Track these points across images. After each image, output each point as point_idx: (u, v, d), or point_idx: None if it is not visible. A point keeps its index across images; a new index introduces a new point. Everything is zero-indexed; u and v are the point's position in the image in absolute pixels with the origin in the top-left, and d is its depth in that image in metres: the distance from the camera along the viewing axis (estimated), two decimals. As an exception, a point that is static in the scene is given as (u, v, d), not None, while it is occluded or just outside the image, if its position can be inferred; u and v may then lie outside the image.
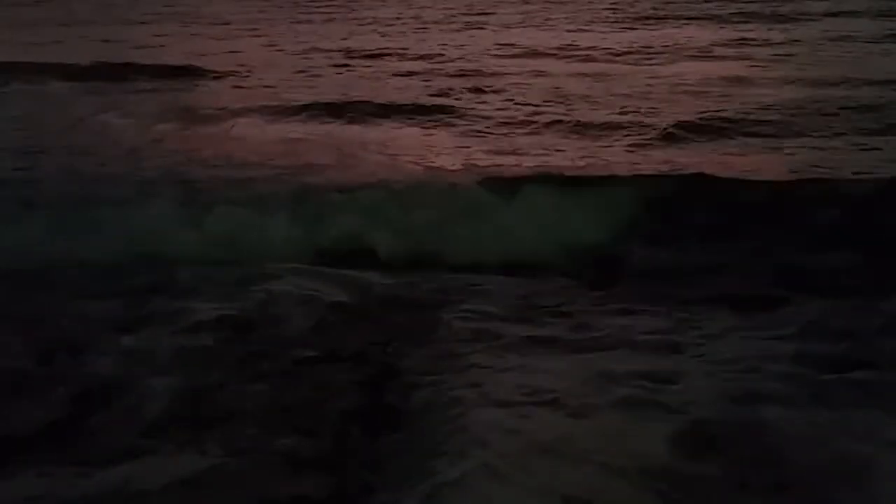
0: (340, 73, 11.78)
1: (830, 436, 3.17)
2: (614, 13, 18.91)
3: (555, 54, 13.16)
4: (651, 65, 11.96)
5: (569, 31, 16.12)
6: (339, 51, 13.72)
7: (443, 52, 13.38)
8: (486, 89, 10.35)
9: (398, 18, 18.71)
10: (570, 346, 4.03)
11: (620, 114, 8.74)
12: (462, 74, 11.39)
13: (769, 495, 2.91)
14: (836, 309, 4.34)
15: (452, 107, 9.24)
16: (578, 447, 3.17)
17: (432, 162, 7.00)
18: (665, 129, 7.94)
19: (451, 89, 10.35)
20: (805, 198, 5.55)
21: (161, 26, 17.39)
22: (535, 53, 13.25)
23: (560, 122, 8.46)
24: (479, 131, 8.27)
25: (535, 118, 8.65)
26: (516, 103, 9.48)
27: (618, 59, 12.55)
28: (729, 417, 3.33)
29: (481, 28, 16.97)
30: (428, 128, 8.47)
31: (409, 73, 11.60)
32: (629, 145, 7.54)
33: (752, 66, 11.53)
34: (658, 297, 4.58)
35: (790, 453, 3.08)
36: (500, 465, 3.05)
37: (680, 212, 5.50)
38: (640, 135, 7.88)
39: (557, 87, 10.26)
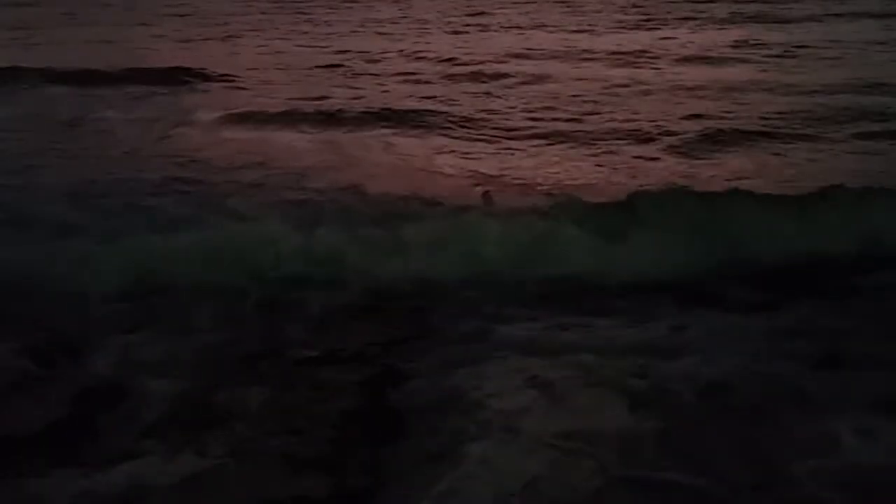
0: (341, 77, 11.78)
1: (813, 433, 3.28)
2: (615, 13, 18.93)
3: (559, 56, 13.17)
4: (655, 69, 11.97)
5: (573, 32, 16.14)
6: (340, 52, 13.73)
7: (446, 54, 13.37)
8: (490, 93, 10.36)
9: (399, 20, 18.71)
10: (570, 346, 4.03)
11: (627, 121, 8.74)
12: (466, 77, 11.39)
13: (756, 492, 2.98)
14: (825, 309, 4.43)
15: (457, 112, 9.22)
16: (578, 446, 3.18)
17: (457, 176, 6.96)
18: (675, 137, 7.97)
19: (454, 92, 10.35)
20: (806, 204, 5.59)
21: (161, 27, 17.39)
22: (539, 56, 13.25)
23: (566, 128, 8.46)
24: (485, 137, 8.26)
25: (540, 125, 8.64)
26: (520, 108, 9.48)
27: (621, 62, 12.55)
28: (720, 414, 3.44)
29: (484, 29, 16.99)
30: (434, 134, 8.44)
31: (410, 76, 11.60)
32: (636, 155, 7.55)
33: (758, 69, 11.56)
34: (659, 299, 4.59)
35: (777, 456, 3.16)
36: (501, 464, 3.07)
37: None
38: (646, 143, 7.90)
39: (562, 92, 10.27)
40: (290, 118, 9.04)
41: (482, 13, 19.72)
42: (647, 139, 8.01)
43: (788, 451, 3.17)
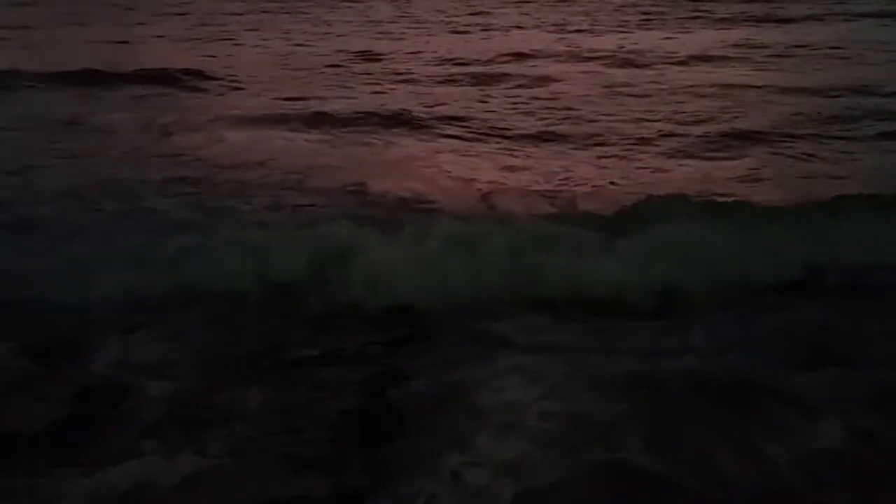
0: (341, 77, 11.77)
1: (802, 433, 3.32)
2: (615, 13, 18.92)
3: (559, 56, 13.17)
4: (656, 69, 11.96)
5: (573, 31, 16.14)
6: (339, 52, 13.73)
7: (446, 54, 13.37)
8: (490, 94, 10.35)
9: (399, 20, 18.72)
10: (570, 346, 4.04)
11: (628, 121, 8.73)
12: (466, 77, 11.39)
13: (741, 484, 3.02)
14: (826, 309, 4.46)
15: (457, 112, 9.21)
16: (574, 447, 3.20)
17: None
18: (676, 138, 7.96)
19: (454, 93, 10.35)
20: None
21: (161, 27, 17.39)
22: (539, 56, 13.24)
23: (567, 129, 8.45)
24: (485, 138, 8.24)
25: (540, 125, 8.63)
26: (520, 109, 9.48)
27: (621, 62, 12.56)
28: (715, 411, 3.50)
29: (484, 29, 16.99)
30: (434, 134, 8.42)
31: (410, 76, 11.60)
32: (636, 156, 7.55)
33: (759, 69, 11.56)
34: (658, 300, 4.59)
35: (767, 451, 3.20)
36: (500, 464, 3.07)
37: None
38: (647, 144, 7.89)
39: (563, 92, 10.26)
40: (289, 118, 9.03)
41: (482, 13, 19.72)
42: (647, 140, 8.01)
43: (779, 447, 3.20)
